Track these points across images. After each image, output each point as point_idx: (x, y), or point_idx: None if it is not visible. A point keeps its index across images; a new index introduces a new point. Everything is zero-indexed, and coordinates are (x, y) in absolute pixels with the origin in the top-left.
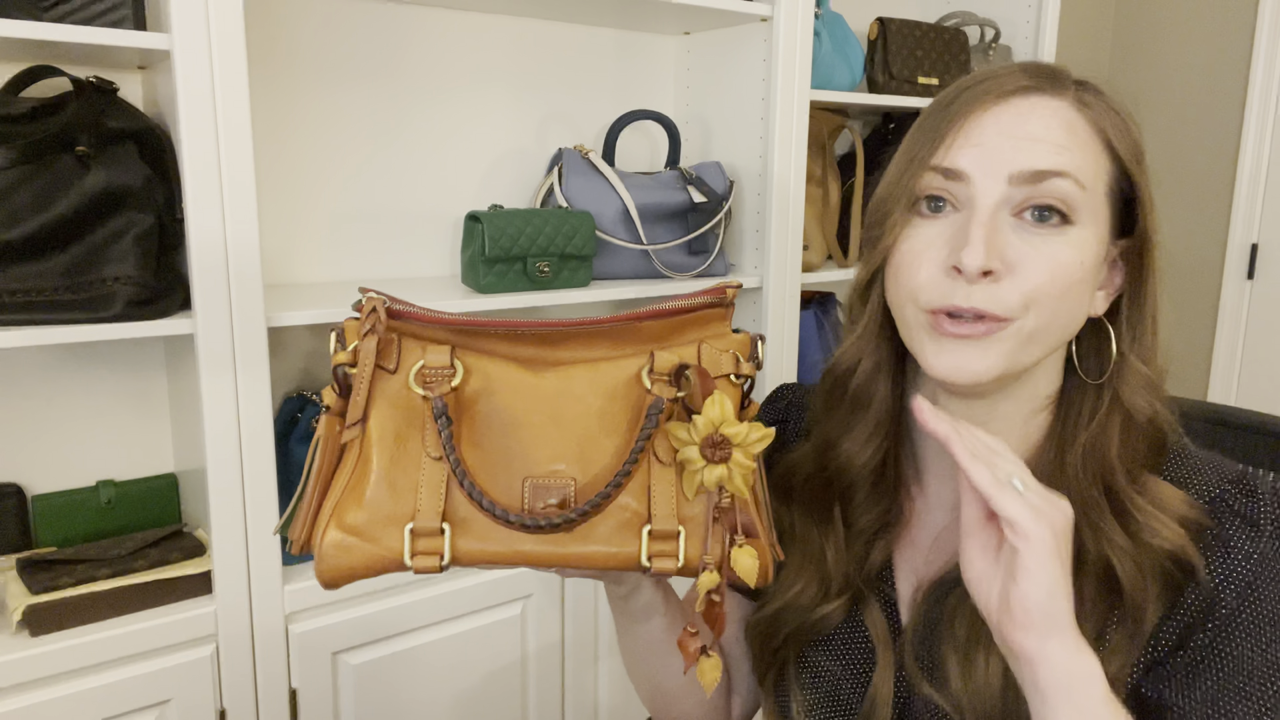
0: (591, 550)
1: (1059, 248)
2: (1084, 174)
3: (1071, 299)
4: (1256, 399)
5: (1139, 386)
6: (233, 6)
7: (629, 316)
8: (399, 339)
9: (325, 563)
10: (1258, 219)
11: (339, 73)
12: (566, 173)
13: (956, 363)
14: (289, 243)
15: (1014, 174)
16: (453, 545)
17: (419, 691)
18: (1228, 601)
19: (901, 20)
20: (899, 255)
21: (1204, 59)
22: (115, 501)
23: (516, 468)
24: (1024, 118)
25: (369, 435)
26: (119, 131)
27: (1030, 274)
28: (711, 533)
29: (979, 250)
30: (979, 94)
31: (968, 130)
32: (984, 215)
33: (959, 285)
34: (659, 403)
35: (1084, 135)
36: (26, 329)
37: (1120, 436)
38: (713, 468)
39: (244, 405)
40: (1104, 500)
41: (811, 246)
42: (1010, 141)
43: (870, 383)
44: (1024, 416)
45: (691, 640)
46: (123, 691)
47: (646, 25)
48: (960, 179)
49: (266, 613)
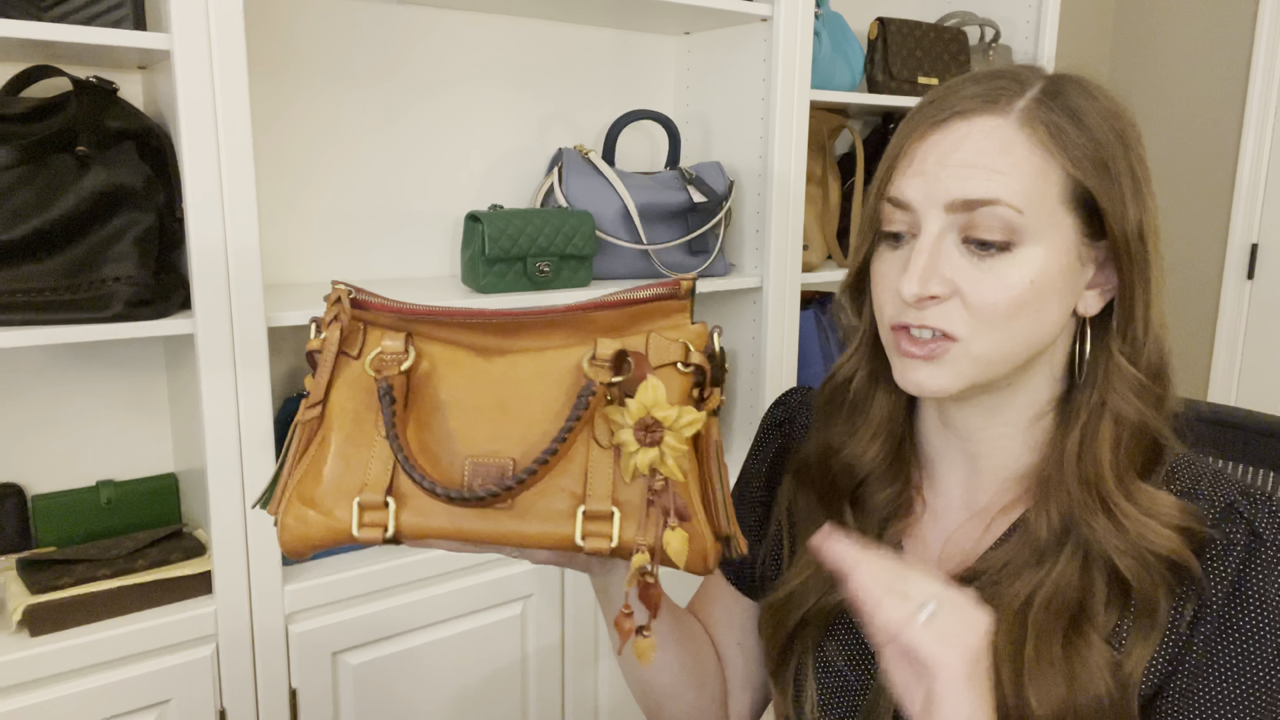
0: (528, 529)
1: (1005, 269)
2: (1021, 195)
3: (1025, 317)
4: (1256, 399)
5: (1126, 390)
6: (233, 6)
7: (582, 306)
8: (365, 327)
9: (286, 532)
10: (1258, 219)
11: (339, 72)
12: (566, 173)
13: (917, 379)
14: (289, 242)
15: (948, 203)
16: (397, 518)
17: (419, 691)
18: (1219, 606)
19: (901, 20)
20: (873, 278)
21: (1204, 59)
22: (115, 501)
23: (459, 448)
24: (958, 144)
25: (329, 415)
26: (119, 131)
27: (976, 295)
28: (646, 515)
29: (914, 281)
30: (922, 119)
31: (910, 157)
32: (925, 244)
33: (910, 308)
34: (590, 385)
35: (1022, 153)
36: (26, 329)
37: (1111, 441)
38: (646, 451)
39: (244, 405)
40: (1098, 504)
41: (811, 246)
42: (946, 169)
43: (868, 390)
44: (1026, 423)
45: (626, 620)
46: (123, 691)
47: (646, 25)
48: (907, 209)
49: (266, 613)
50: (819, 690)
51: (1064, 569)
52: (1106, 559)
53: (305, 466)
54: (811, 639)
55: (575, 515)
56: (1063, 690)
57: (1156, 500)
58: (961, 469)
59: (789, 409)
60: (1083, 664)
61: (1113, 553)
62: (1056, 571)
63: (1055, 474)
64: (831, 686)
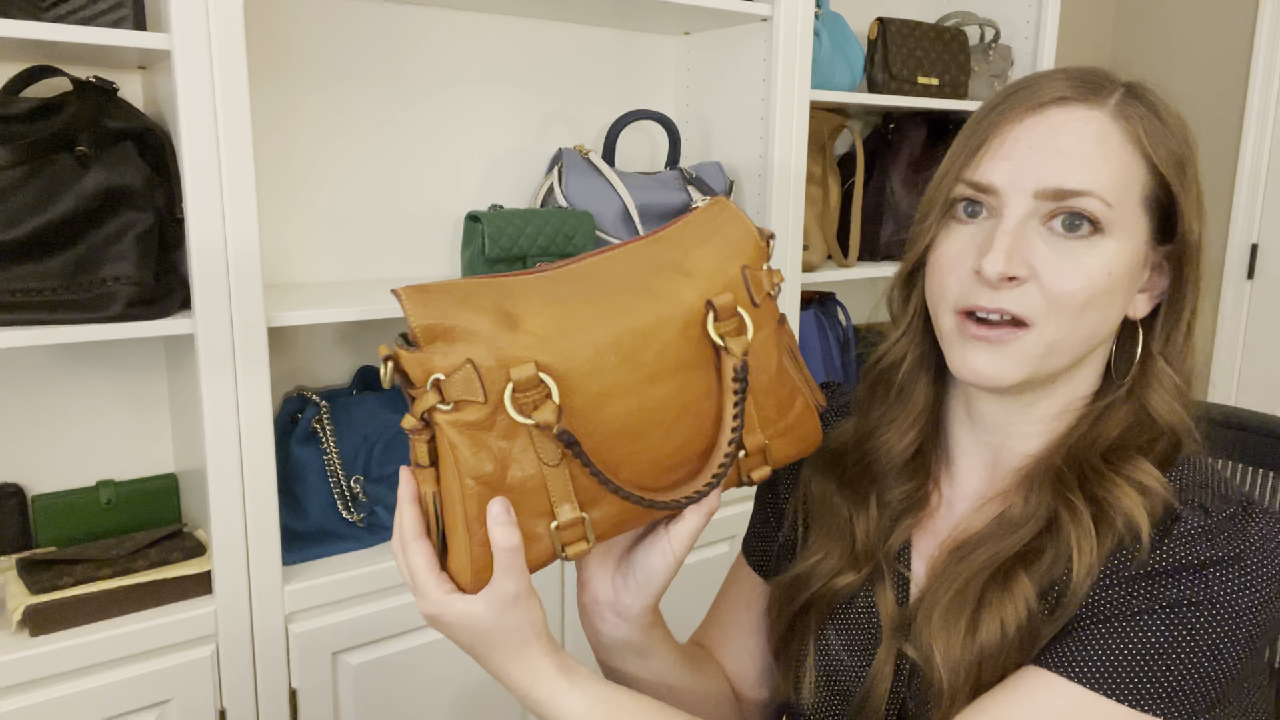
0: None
1: (1087, 256)
2: (1111, 190)
3: (1097, 309)
4: (1256, 399)
5: (1164, 390)
6: (233, 6)
7: (648, 236)
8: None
9: None
10: (1258, 219)
11: (339, 72)
12: (566, 173)
13: (977, 366)
14: (289, 242)
15: (1039, 190)
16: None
17: (419, 691)
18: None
19: (901, 20)
20: (935, 258)
21: (1204, 59)
22: (115, 501)
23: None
24: (1055, 131)
25: None
26: (119, 131)
27: (1056, 280)
28: None
29: (999, 258)
30: (1014, 104)
31: (1000, 142)
32: (1009, 224)
33: (985, 288)
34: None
35: (1116, 147)
36: (26, 329)
37: (1124, 428)
38: None
39: (244, 405)
40: (1074, 475)
41: (811, 246)
42: (1039, 155)
43: (913, 377)
44: (1055, 414)
45: None
46: (123, 691)
47: (646, 25)
48: (990, 193)
49: (266, 613)
50: (817, 673)
51: (1021, 537)
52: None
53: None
54: (814, 622)
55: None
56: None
57: (1141, 469)
58: (982, 462)
59: None
60: (1003, 593)
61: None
62: (1014, 539)
63: (1049, 453)
64: (829, 671)
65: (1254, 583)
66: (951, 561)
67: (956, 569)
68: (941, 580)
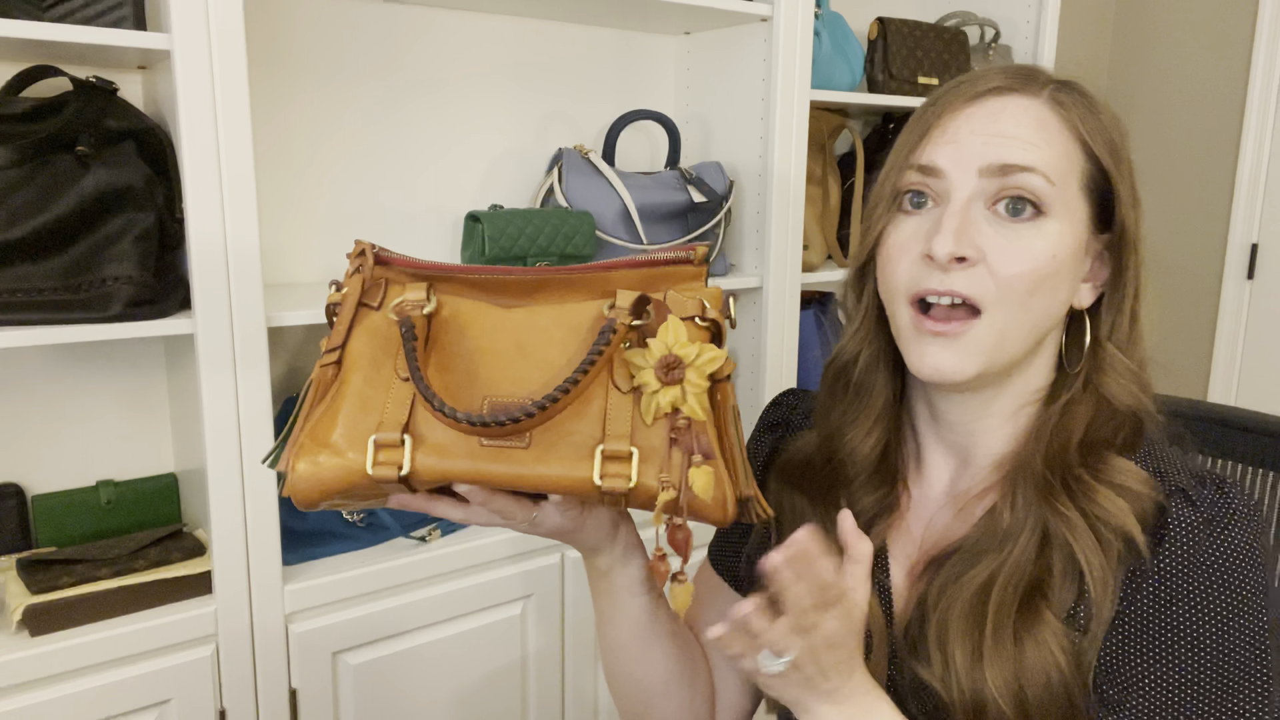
0: (547, 470)
1: (1032, 239)
2: (1053, 169)
3: (1043, 292)
4: (1256, 399)
5: (1119, 375)
6: (233, 6)
7: (601, 265)
8: (386, 283)
9: (298, 479)
10: (1258, 219)
11: (339, 72)
12: (566, 173)
13: (936, 363)
14: (289, 242)
15: (983, 167)
16: (412, 458)
17: (419, 691)
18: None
19: (901, 20)
20: (885, 249)
21: (1204, 59)
22: (115, 501)
23: (479, 390)
24: (995, 116)
25: (346, 361)
26: (119, 131)
27: (1003, 263)
28: (669, 456)
29: (948, 238)
30: (954, 96)
31: (943, 129)
32: (956, 206)
33: (935, 271)
34: (612, 323)
35: (1055, 131)
36: (26, 329)
37: (1089, 421)
38: (667, 389)
39: (244, 405)
40: (1058, 478)
41: (811, 246)
42: (981, 138)
43: (870, 374)
44: (1013, 412)
45: (661, 563)
46: (123, 691)
47: (646, 25)
48: (936, 174)
49: (266, 613)
50: None
51: (1023, 549)
52: (1063, 538)
53: (320, 412)
54: None
55: (594, 456)
56: (1013, 668)
57: (1120, 468)
58: (950, 461)
59: (784, 410)
60: (1036, 643)
61: (1066, 529)
62: (1016, 552)
63: (1026, 455)
64: None
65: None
66: (947, 578)
67: (955, 589)
68: (944, 598)
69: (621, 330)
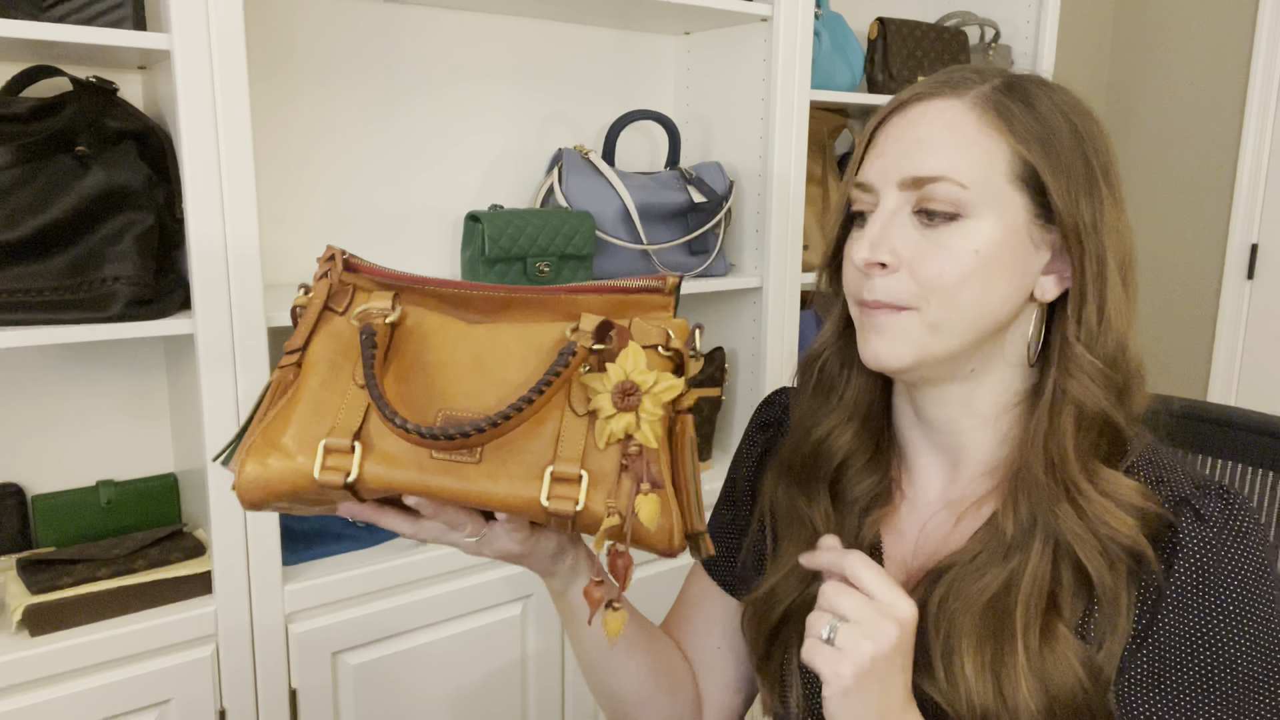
0: (495, 488)
1: (950, 240)
2: (966, 171)
3: (972, 287)
4: (1256, 399)
5: (1084, 377)
6: (233, 6)
7: (569, 289)
8: (353, 290)
9: (244, 479)
10: (1258, 219)
11: (339, 72)
12: (566, 172)
13: (874, 351)
14: (289, 242)
15: (901, 180)
16: (360, 465)
17: (419, 691)
18: (1172, 596)
19: (901, 20)
20: (844, 259)
21: (1204, 59)
22: (115, 501)
23: (435, 403)
24: (914, 122)
25: (306, 364)
26: (119, 131)
27: (921, 266)
28: (618, 483)
29: (863, 246)
30: (889, 105)
31: (875, 142)
32: (879, 216)
33: (865, 279)
34: (571, 345)
35: (970, 131)
36: (26, 329)
37: (1074, 427)
38: (621, 415)
39: (244, 405)
40: (1061, 491)
41: (811, 246)
42: (900, 147)
43: (837, 368)
44: (995, 414)
45: (596, 589)
46: (123, 691)
47: (646, 25)
48: (869, 190)
49: (266, 613)
50: (803, 684)
51: (1034, 563)
52: (1071, 551)
53: (275, 413)
54: (794, 633)
55: (543, 476)
56: (1040, 683)
57: (1117, 483)
58: (938, 463)
59: (777, 409)
60: (1055, 658)
61: (1075, 542)
62: (1029, 566)
63: (1023, 465)
64: (815, 681)
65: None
66: (948, 591)
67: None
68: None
69: (581, 353)
